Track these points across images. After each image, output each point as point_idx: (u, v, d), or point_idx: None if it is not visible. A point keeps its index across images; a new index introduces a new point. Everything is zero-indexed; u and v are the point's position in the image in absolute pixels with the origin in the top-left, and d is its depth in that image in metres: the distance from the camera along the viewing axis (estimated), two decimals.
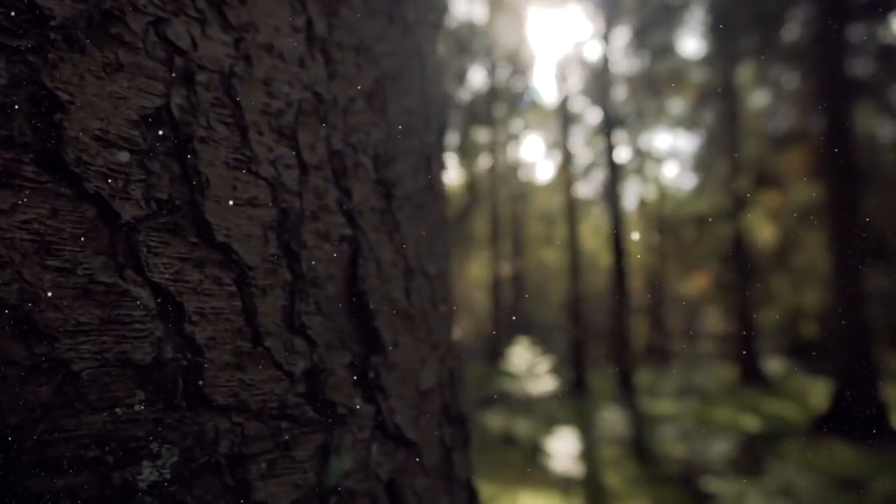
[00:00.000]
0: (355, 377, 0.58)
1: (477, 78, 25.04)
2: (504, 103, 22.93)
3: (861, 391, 10.53)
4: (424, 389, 0.71)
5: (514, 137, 26.63)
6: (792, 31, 14.42)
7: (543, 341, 22.83)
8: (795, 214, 16.04)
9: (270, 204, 0.52)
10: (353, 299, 0.60)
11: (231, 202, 0.49)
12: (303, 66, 0.58)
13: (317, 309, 0.54)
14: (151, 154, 0.44)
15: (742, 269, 17.22)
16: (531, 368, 13.49)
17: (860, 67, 13.59)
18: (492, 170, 23.24)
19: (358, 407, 0.57)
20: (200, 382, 0.44)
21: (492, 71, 22.43)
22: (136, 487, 0.40)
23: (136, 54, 0.43)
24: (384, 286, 0.66)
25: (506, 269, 24.18)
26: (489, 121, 22.84)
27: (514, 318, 24.03)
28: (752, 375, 17.36)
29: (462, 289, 37.38)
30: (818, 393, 14.38)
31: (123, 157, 0.43)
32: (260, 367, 0.49)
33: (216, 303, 0.46)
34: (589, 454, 11.03)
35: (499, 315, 23.75)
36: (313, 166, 0.58)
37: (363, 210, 0.65)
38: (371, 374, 0.59)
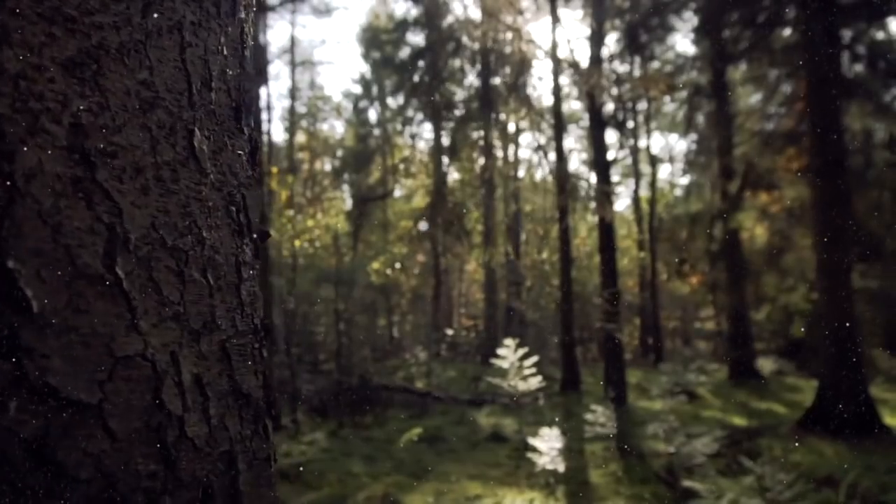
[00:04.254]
0: None
1: (470, 77, 25.04)
2: (498, 102, 22.94)
3: (846, 388, 10.52)
4: (123, 356, 0.73)
5: (508, 136, 26.65)
6: (784, 30, 14.40)
7: (537, 339, 22.84)
8: (787, 214, 16.02)
9: None
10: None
11: None
12: None
13: None
14: None
15: (734, 268, 17.21)
16: (520, 367, 13.50)
17: (853, 67, 13.56)
18: (485, 169, 23.26)
19: None
20: None
21: (485, 70, 22.45)
22: None
23: None
24: (64, 251, 0.68)
25: (499, 268, 24.19)
26: (483, 120, 22.86)
27: (508, 316, 24.01)
28: (743, 374, 17.35)
29: (459, 287, 37.39)
30: (808, 391, 14.35)
31: None
32: None
33: None
34: (575, 451, 11.05)
35: (493, 314, 23.78)
36: None
37: (36, 175, 0.67)
38: (6, 333, 0.60)
